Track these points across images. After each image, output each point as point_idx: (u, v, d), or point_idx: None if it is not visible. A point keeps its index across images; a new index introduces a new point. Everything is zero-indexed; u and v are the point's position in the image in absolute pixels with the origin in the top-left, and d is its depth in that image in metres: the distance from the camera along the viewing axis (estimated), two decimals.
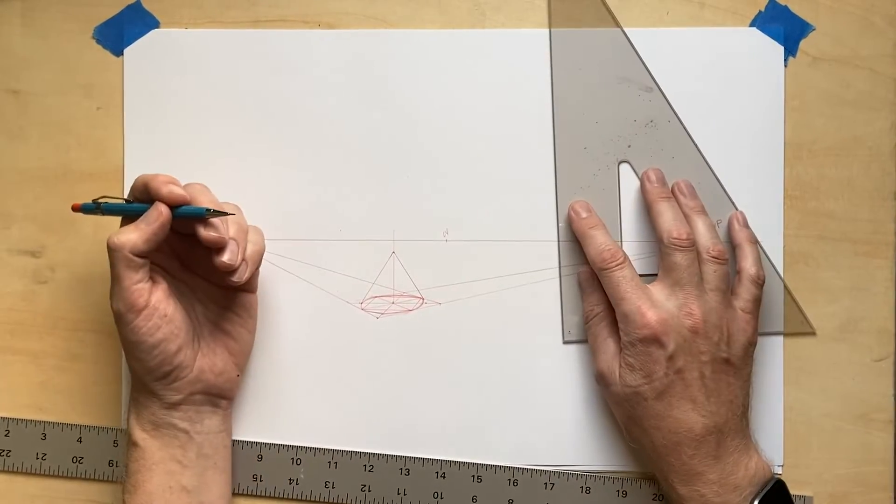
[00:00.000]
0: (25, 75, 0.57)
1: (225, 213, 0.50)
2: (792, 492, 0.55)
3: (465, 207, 0.56)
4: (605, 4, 0.56)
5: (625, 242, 0.56)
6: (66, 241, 0.57)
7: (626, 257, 0.53)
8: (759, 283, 0.54)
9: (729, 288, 0.53)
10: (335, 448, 0.57)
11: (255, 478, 0.57)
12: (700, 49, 0.56)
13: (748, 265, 0.54)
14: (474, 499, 0.56)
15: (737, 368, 0.52)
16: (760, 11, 0.56)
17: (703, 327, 0.51)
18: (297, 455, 0.57)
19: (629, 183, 0.57)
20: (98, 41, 0.57)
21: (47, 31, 0.57)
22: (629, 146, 0.57)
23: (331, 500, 0.56)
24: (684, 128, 0.56)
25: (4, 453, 0.57)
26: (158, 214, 0.49)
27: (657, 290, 0.52)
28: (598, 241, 0.54)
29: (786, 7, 0.56)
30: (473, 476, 0.56)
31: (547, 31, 0.56)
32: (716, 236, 0.54)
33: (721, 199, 0.56)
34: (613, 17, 0.56)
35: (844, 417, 0.56)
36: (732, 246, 0.55)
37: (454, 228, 0.57)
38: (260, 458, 0.57)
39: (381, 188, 0.57)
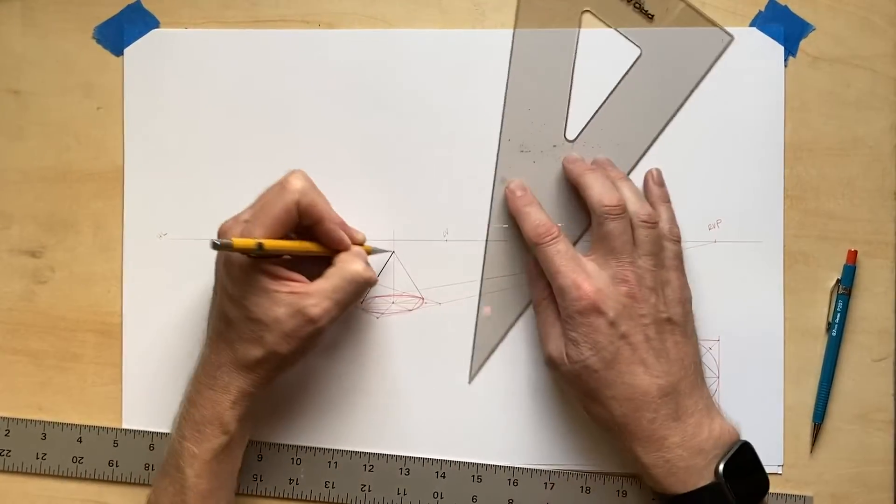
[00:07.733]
0: (25, 75, 0.57)
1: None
2: (792, 492, 0.55)
3: (465, 207, 0.56)
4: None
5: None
6: (66, 241, 0.57)
7: (560, 231, 0.53)
8: (676, 239, 0.54)
9: (661, 250, 0.53)
10: (335, 448, 0.57)
11: (255, 478, 0.57)
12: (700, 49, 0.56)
13: (663, 224, 0.54)
14: (474, 499, 0.56)
15: (680, 326, 0.52)
16: (760, 11, 0.56)
17: (639, 292, 0.51)
18: (297, 455, 0.57)
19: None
20: (98, 41, 0.57)
21: (47, 31, 0.57)
22: None
23: (331, 500, 0.56)
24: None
25: (4, 453, 0.57)
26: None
27: (591, 260, 0.52)
28: (533, 217, 0.54)
29: (786, 7, 0.56)
30: (473, 476, 0.56)
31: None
32: (643, 200, 0.54)
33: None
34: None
35: (844, 417, 0.56)
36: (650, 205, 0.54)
37: (454, 228, 0.57)
38: (260, 458, 0.57)
39: (381, 188, 0.57)
